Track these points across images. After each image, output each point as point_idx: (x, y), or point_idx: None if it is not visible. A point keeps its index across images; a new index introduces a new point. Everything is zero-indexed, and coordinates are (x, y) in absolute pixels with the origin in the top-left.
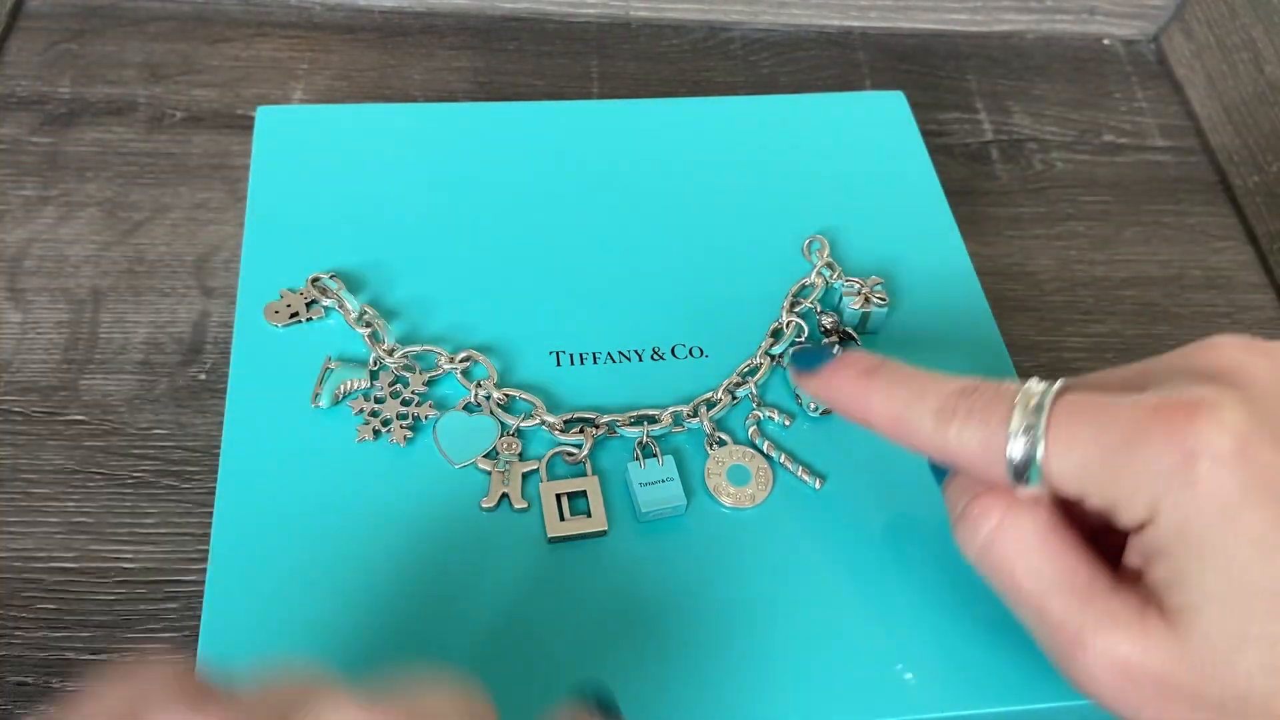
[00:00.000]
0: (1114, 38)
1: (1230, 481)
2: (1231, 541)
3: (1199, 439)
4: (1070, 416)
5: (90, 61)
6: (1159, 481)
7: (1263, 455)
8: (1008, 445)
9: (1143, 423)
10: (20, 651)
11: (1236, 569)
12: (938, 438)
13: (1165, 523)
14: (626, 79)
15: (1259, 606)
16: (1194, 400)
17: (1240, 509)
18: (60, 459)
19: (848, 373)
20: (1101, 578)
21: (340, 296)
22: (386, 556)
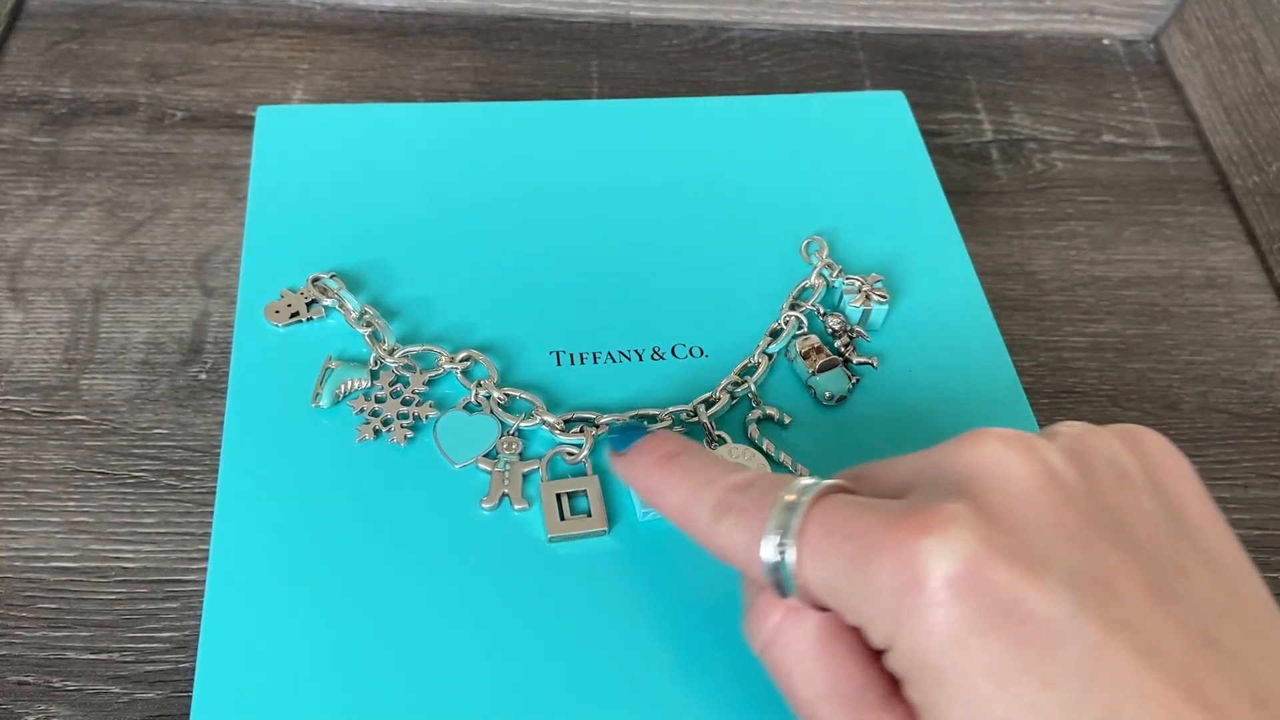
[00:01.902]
0: (1114, 38)
1: (960, 611)
2: (967, 672)
3: (926, 560)
4: (823, 523)
5: (90, 61)
6: (891, 605)
7: (995, 576)
8: (761, 548)
9: (878, 540)
10: (20, 651)
11: (976, 701)
12: (711, 534)
13: (901, 650)
14: (626, 79)
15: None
16: (928, 514)
17: (972, 639)
18: (60, 459)
19: (647, 459)
20: (875, 689)
21: (341, 296)
22: (386, 556)
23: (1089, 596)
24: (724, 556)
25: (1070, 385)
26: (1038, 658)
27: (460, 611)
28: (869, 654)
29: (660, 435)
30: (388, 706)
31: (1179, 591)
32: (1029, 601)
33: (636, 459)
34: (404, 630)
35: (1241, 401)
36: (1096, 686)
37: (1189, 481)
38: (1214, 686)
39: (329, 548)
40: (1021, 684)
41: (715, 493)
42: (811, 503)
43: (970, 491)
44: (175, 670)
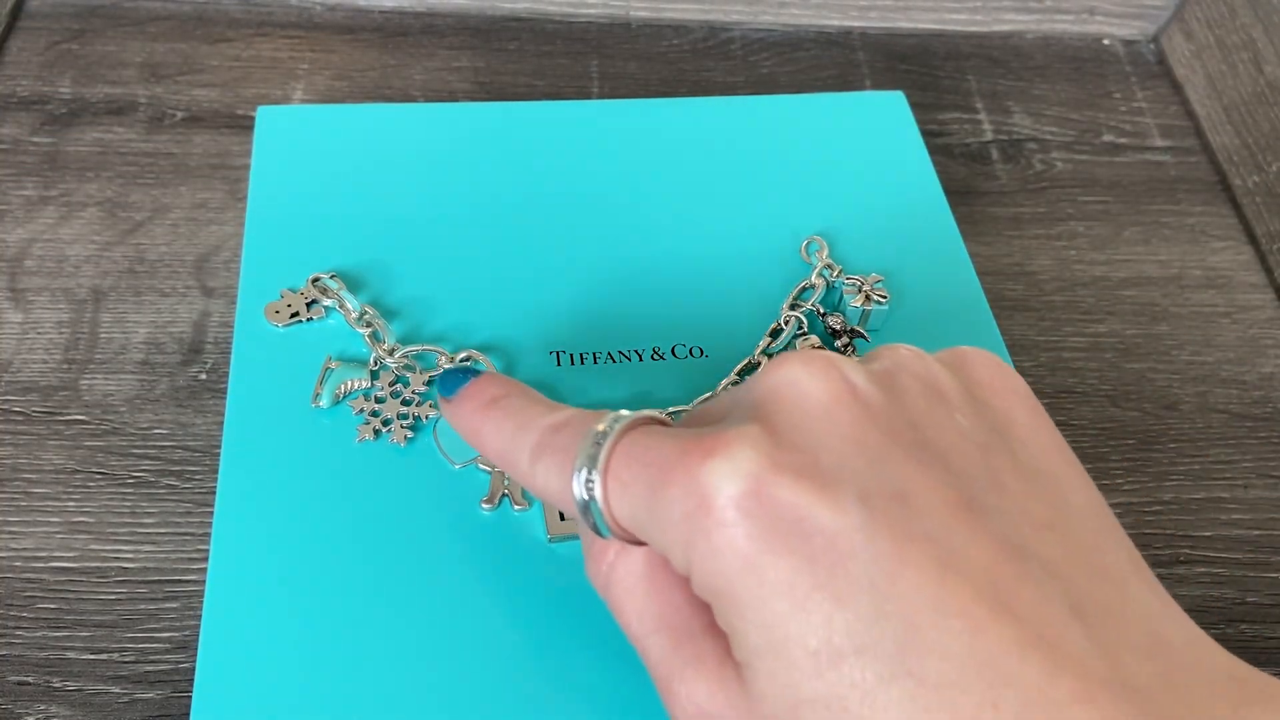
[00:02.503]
0: (1114, 38)
1: (747, 529)
2: (759, 594)
3: (711, 481)
4: (626, 458)
5: (90, 61)
6: (684, 531)
7: (781, 494)
8: (575, 500)
9: (671, 465)
10: (20, 651)
11: (773, 623)
12: (530, 477)
13: (698, 576)
14: (626, 79)
15: (805, 665)
16: (714, 439)
17: (761, 558)
18: (60, 459)
19: (470, 404)
20: (698, 618)
21: (341, 296)
22: (386, 556)
23: (882, 510)
24: (543, 498)
25: (1070, 385)
26: (828, 574)
27: (460, 612)
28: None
29: (486, 378)
30: (388, 706)
31: (991, 504)
32: (817, 517)
33: (461, 404)
34: (404, 630)
35: (1241, 401)
36: (891, 601)
37: (1017, 397)
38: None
39: (329, 548)
40: (813, 601)
41: (534, 434)
42: (619, 435)
43: (764, 413)
44: (175, 670)
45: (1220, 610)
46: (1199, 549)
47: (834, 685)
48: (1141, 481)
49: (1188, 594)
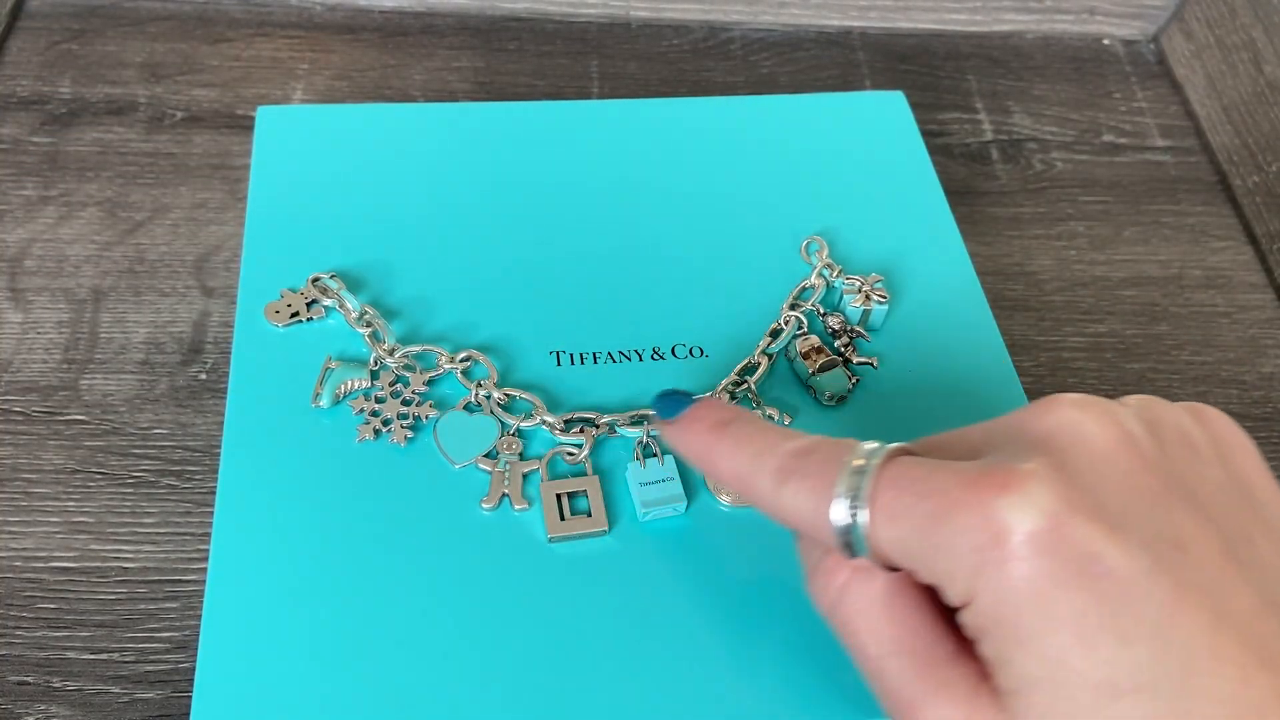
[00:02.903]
0: (1114, 38)
1: (1041, 564)
2: (1047, 627)
3: (1008, 517)
4: (895, 484)
5: (90, 61)
6: (972, 561)
7: (1076, 533)
8: (830, 511)
9: (957, 496)
10: (20, 651)
11: (1055, 656)
12: (775, 499)
13: (981, 605)
14: (626, 79)
15: (1083, 698)
16: (1007, 473)
17: (1053, 593)
18: (60, 459)
19: (699, 426)
20: (943, 645)
21: (341, 296)
22: (387, 556)
23: (1164, 557)
24: (788, 521)
25: (1070, 385)
26: (1115, 614)
27: (460, 611)
28: (937, 611)
29: (710, 403)
30: (388, 706)
31: (1247, 558)
32: (1108, 559)
33: (689, 426)
34: (404, 630)
35: (1241, 401)
36: (1172, 645)
37: (1252, 457)
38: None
39: (329, 548)
40: (1100, 639)
41: (776, 459)
42: (881, 465)
43: (1048, 452)
44: (175, 670)
45: None
46: None
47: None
48: None
49: None
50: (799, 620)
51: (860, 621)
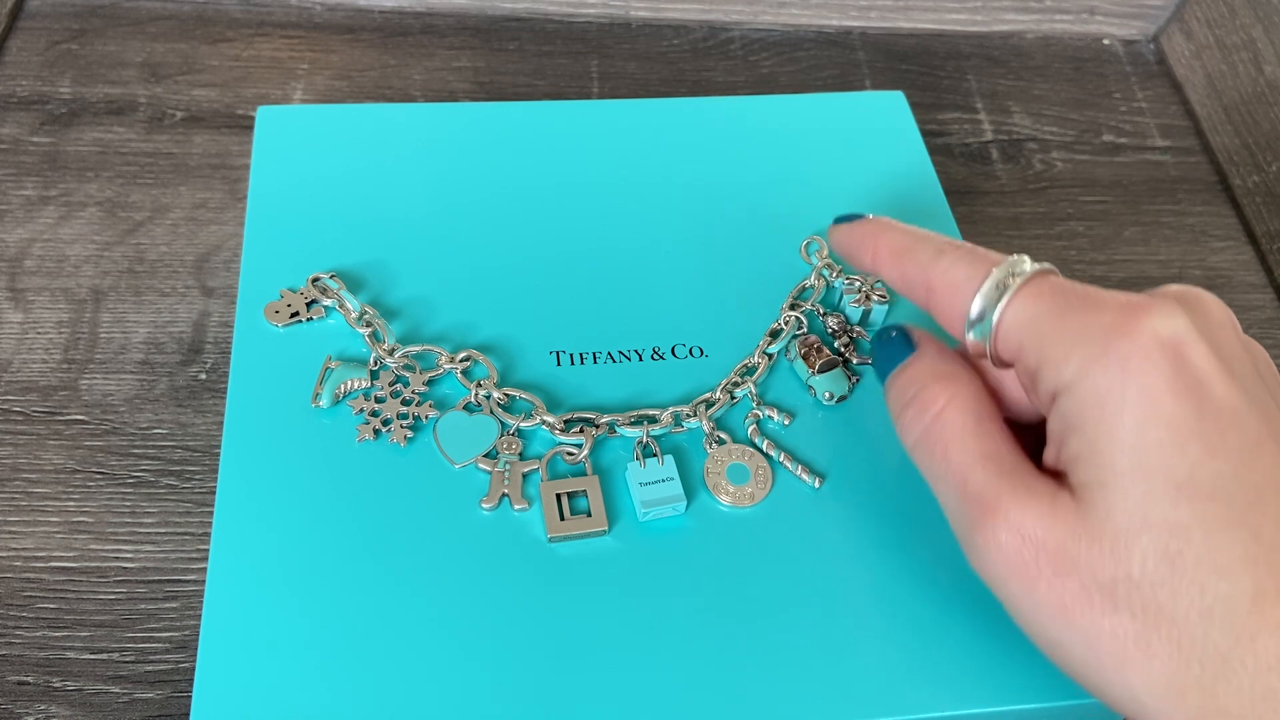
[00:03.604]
0: (1114, 38)
1: (1163, 367)
2: (1149, 423)
3: (1147, 322)
4: (1047, 280)
5: (90, 61)
6: (1093, 349)
7: (1198, 354)
8: (981, 285)
9: (1103, 302)
10: (20, 651)
11: (1147, 451)
12: (930, 264)
13: (1090, 388)
14: (626, 79)
15: (1163, 492)
16: (1152, 299)
17: (1165, 394)
18: (60, 459)
19: (873, 222)
20: (1025, 462)
21: (341, 296)
22: (387, 556)
23: (1257, 402)
24: (932, 285)
25: None
26: (1210, 430)
27: (460, 612)
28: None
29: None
30: (387, 706)
31: None
32: (1216, 387)
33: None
34: (404, 630)
35: None
36: (1252, 469)
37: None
38: None
39: (329, 548)
40: (1191, 444)
41: (939, 240)
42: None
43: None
44: (175, 670)
45: None
46: None
47: (1185, 516)
48: None
49: None
50: (799, 620)
51: (952, 436)
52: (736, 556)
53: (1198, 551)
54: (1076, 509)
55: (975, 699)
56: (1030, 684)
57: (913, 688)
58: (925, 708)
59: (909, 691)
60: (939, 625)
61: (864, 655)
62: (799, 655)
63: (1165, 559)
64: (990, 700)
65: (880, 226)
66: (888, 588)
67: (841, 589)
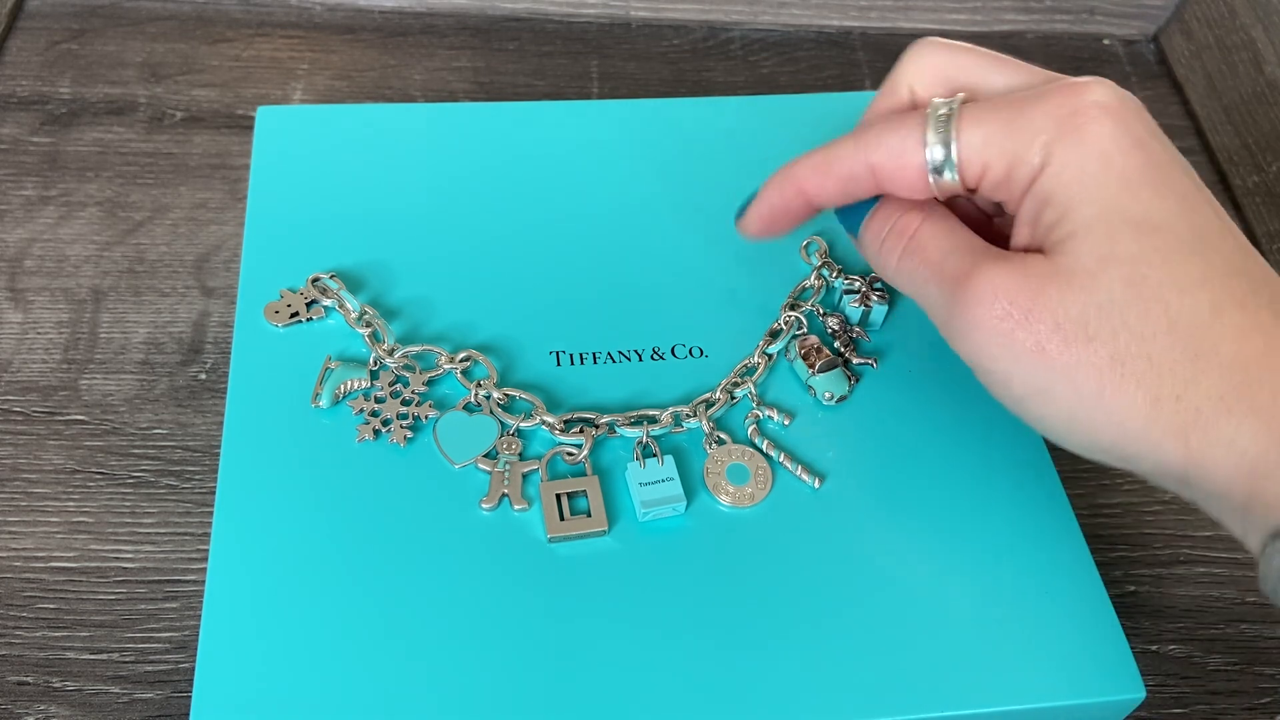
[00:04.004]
0: (1114, 38)
1: (1110, 130)
2: (1107, 178)
3: (1087, 97)
4: (975, 105)
5: (90, 61)
6: (1051, 132)
7: (1135, 120)
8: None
9: (1037, 94)
10: (20, 651)
11: (1109, 201)
12: (859, 152)
13: (1054, 166)
14: (626, 79)
15: (1123, 230)
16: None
17: (1115, 153)
18: (60, 459)
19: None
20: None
21: (340, 296)
22: (386, 556)
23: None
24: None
25: None
26: (1156, 177)
27: (460, 612)
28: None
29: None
30: (387, 707)
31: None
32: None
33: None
34: (404, 630)
35: None
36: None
37: None
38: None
39: (329, 548)
40: (1142, 190)
41: (849, 135)
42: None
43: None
44: (175, 670)
45: (1220, 610)
46: (1199, 549)
47: (1145, 247)
48: (1141, 482)
49: (1187, 594)
50: (799, 620)
51: (925, 234)
52: (736, 556)
53: (1159, 275)
54: (1047, 260)
55: (975, 699)
56: (1030, 684)
57: (913, 688)
58: (925, 708)
59: (909, 691)
60: (939, 625)
61: (864, 655)
62: (799, 655)
63: (1130, 285)
64: (990, 700)
65: (783, 170)
66: (887, 588)
67: (841, 589)
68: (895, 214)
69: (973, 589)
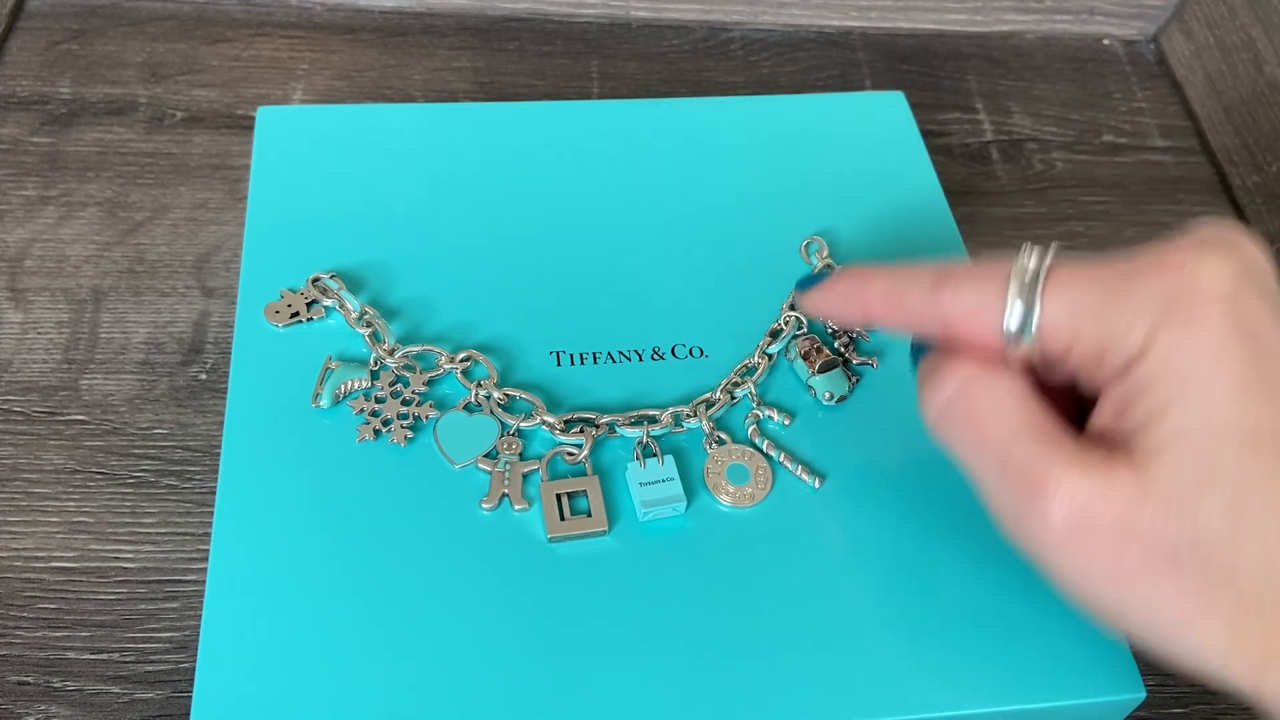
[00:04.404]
0: (1113, 38)
1: (1223, 321)
2: (1216, 378)
3: (1198, 278)
4: (1069, 266)
5: (90, 61)
6: (1155, 315)
7: (1251, 303)
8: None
9: (1141, 267)
10: (20, 651)
11: (1216, 406)
12: (932, 302)
13: (1157, 354)
14: (626, 79)
15: (1231, 445)
16: (1192, 248)
17: (1228, 348)
18: (60, 459)
19: (846, 276)
20: (1068, 432)
21: (341, 296)
22: (387, 556)
23: None
24: (946, 320)
25: None
26: (1270, 375)
27: (460, 612)
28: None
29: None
30: (387, 707)
31: None
32: (1267, 332)
33: (832, 283)
34: (404, 631)
35: None
36: None
37: None
38: None
39: (329, 548)
40: (1255, 394)
41: (930, 272)
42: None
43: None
44: (175, 670)
45: None
46: None
47: (1249, 465)
48: None
49: None
50: (799, 620)
51: (987, 410)
52: (736, 556)
53: (1262, 500)
54: (1135, 475)
55: (975, 699)
56: (1030, 684)
57: (913, 688)
58: (925, 708)
59: (909, 691)
60: (939, 625)
61: (864, 655)
62: (799, 655)
63: (1230, 514)
64: (990, 700)
65: (857, 278)
66: (888, 587)
67: (841, 589)
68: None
69: (973, 589)
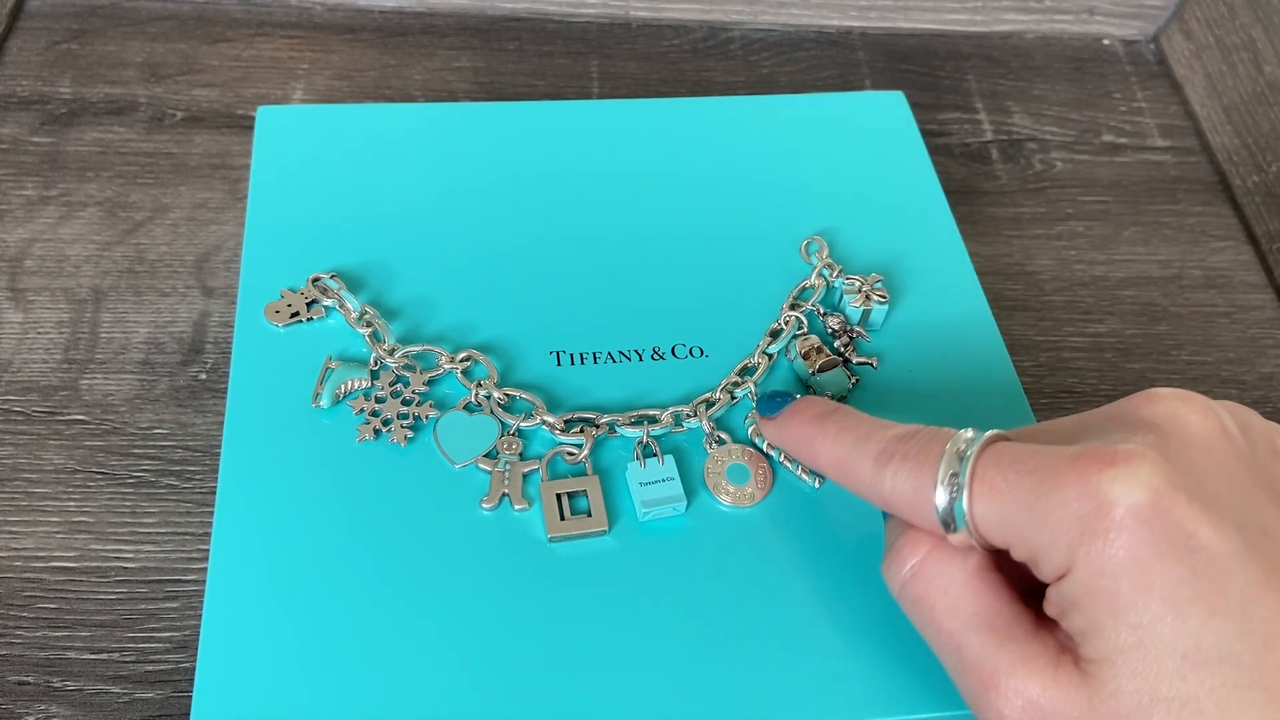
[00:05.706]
0: (1113, 38)
1: (1142, 536)
2: (1143, 597)
3: (1112, 491)
4: (995, 465)
5: (90, 61)
6: (1074, 532)
7: (1177, 511)
8: (934, 493)
9: (1060, 472)
10: (20, 651)
11: (1148, 625)
12: (875, 482)
13: (1080, 575)
14: (626, 79)
15: (1169, 666)
16: (1111, 452)
17: (1152, 565)
18: (60, 459)
19: (801, 418)
20: (1023, 621)
21: (341, 296)
22: (387, 556)
23: (1253, 541)
24: (889, 503)
25: (1070, 385)
26: (1207, 588)
27: (460, 611)
28: (1015, 592)
29: (811, 399)
30: (387, 707)
31: None
32: (1203, 537)
33: (789, 420)
34: (404, 631)
35: (1241, 401)
36: (1256, 621)
37: None
38: None
39: (329, 547)
40: (1190, 610)
41: (876, 444)
42: (981, 447)
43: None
44: (175, 670)
45: None
46: None
47: (1194, 687)
48: None
49: None
50: (799, 620)
51: (938, 596)
52: (736, 556)
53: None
54: (1083, 683)
55: None
56: None
57: (912, 688)
58: (925, 708)
59: (908, 691)
60: None
61: (864, 655)
62: (799, 655)
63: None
64: None
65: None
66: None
67: (841, 589)
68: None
69: None
